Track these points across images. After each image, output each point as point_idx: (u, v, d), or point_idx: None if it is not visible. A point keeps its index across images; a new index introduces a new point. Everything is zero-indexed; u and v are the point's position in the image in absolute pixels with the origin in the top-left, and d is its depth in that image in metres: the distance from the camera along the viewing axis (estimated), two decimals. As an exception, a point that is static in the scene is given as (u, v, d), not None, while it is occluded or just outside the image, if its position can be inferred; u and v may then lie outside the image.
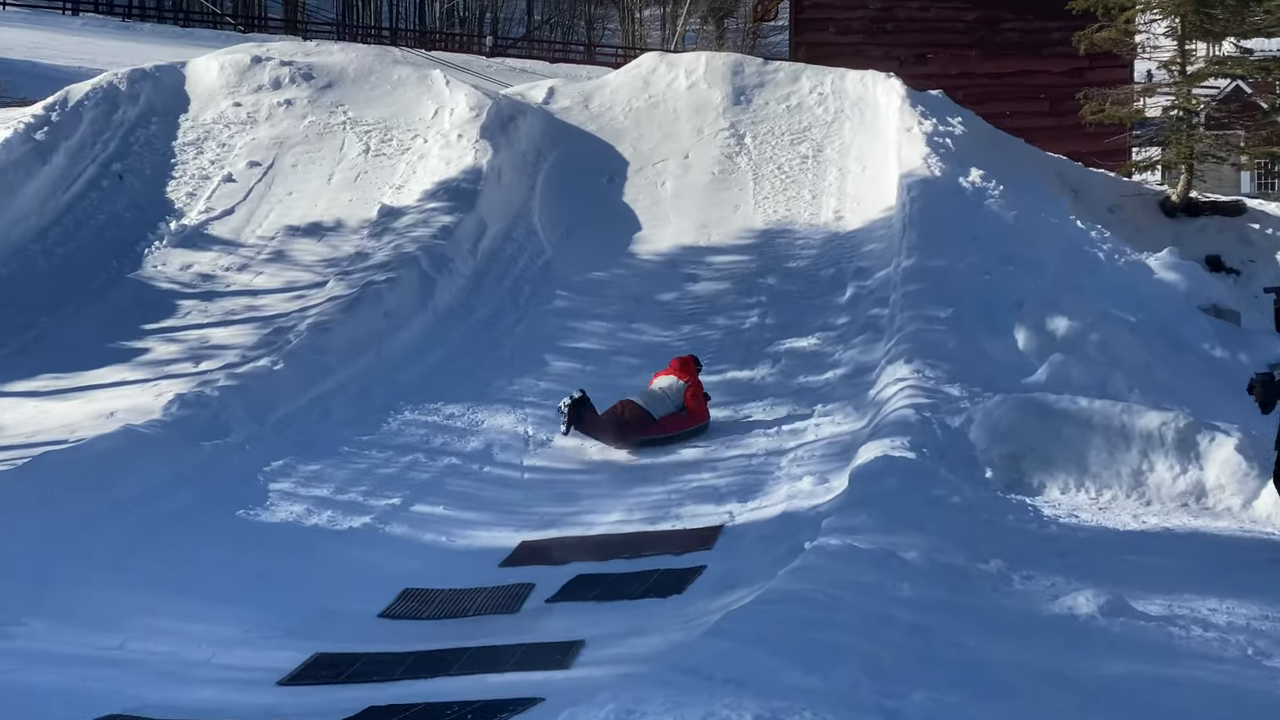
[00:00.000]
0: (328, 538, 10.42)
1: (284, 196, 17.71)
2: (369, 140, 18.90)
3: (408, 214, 16.81)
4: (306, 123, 19.29)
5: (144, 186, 17.79)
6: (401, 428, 12.62)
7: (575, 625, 8.64)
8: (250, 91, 19.86)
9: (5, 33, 48.20)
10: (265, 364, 13.01)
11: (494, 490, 11.56)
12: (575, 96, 20.48)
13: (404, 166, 18.30)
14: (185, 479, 10.95)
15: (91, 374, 13.57)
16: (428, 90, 20.01)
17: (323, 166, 18.35)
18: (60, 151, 17.69)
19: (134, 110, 19.11)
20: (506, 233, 17.06)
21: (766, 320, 15.18)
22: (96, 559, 9.41)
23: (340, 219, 17.14)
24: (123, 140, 18.57)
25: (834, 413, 12.54)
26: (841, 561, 7.53)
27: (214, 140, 18.88)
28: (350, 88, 20.02)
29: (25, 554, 9.10)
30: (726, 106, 19.95)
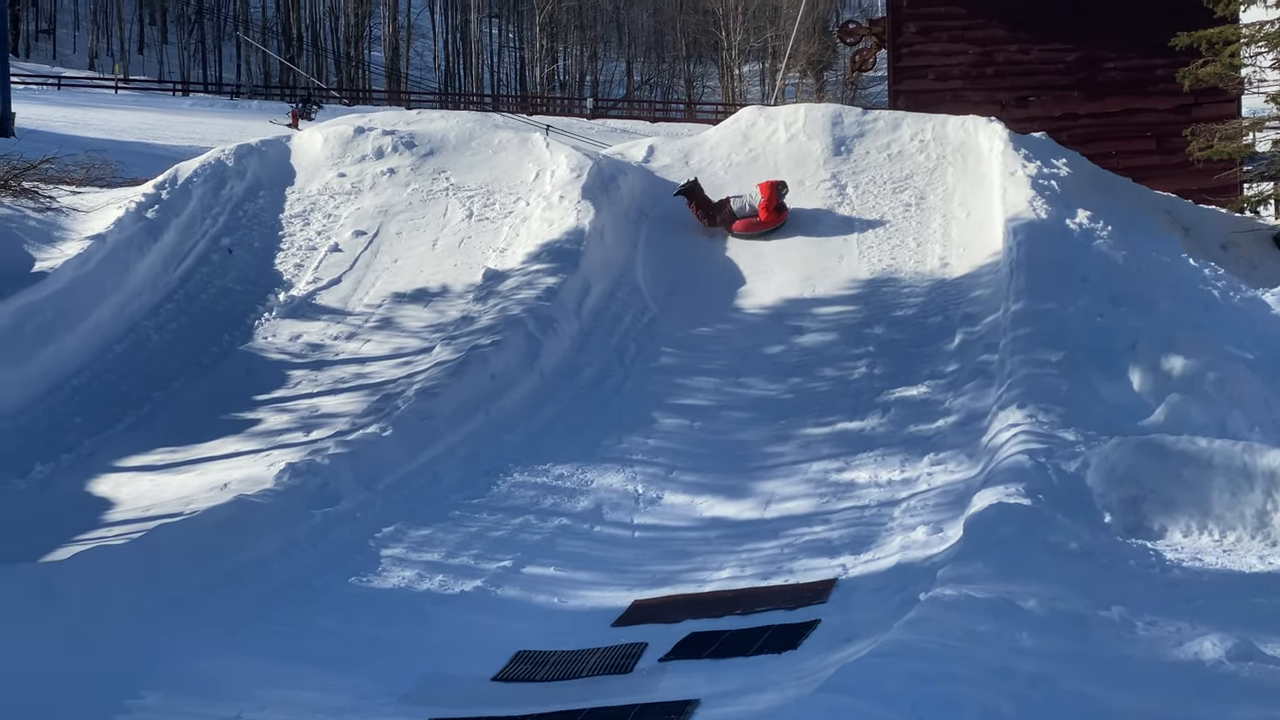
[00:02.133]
0: (439, 602, 10.42)
1: (389, 264, 17.88)
2: (471, 205, 19.06)
3: (512, 276, 16.89)
4: (410, 190, 19.50)
5: (252, 259, 18.06)
6: (511, 489, 12.62)
7: (689, 684, 8.54)
8: (354, 162, 20.12)
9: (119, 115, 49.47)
10: (374, 431, 13.09)
11: (605, 549, 11.51)
12: (675, 154, 20.51)
13: (507, 230, 18.42)
14: (298, 547, 11.02)
15: (205, 446, 13.74)
16: (528, 153, 20.15)
17: (427, 233, 18.52)
18: (171, 228, 18.01)
19: (241, 185, 19.44)
20: (610, 291, 17.08)
21: (875, 370, 15.03)
22: (211, 629, 9.48)
23: (445, 284, 17.27)
24: (231, 214, 18.88)
25: (946, 461, 12.36)
26: (958, 612, 7.38)
27: (320, 211, 19.14)
28: (452, 154, 20.22)
29: (142, 626, 9.19)
30: (827, 157, 19.87)
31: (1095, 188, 18.86)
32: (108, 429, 14.12)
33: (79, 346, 15.41)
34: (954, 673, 6.29)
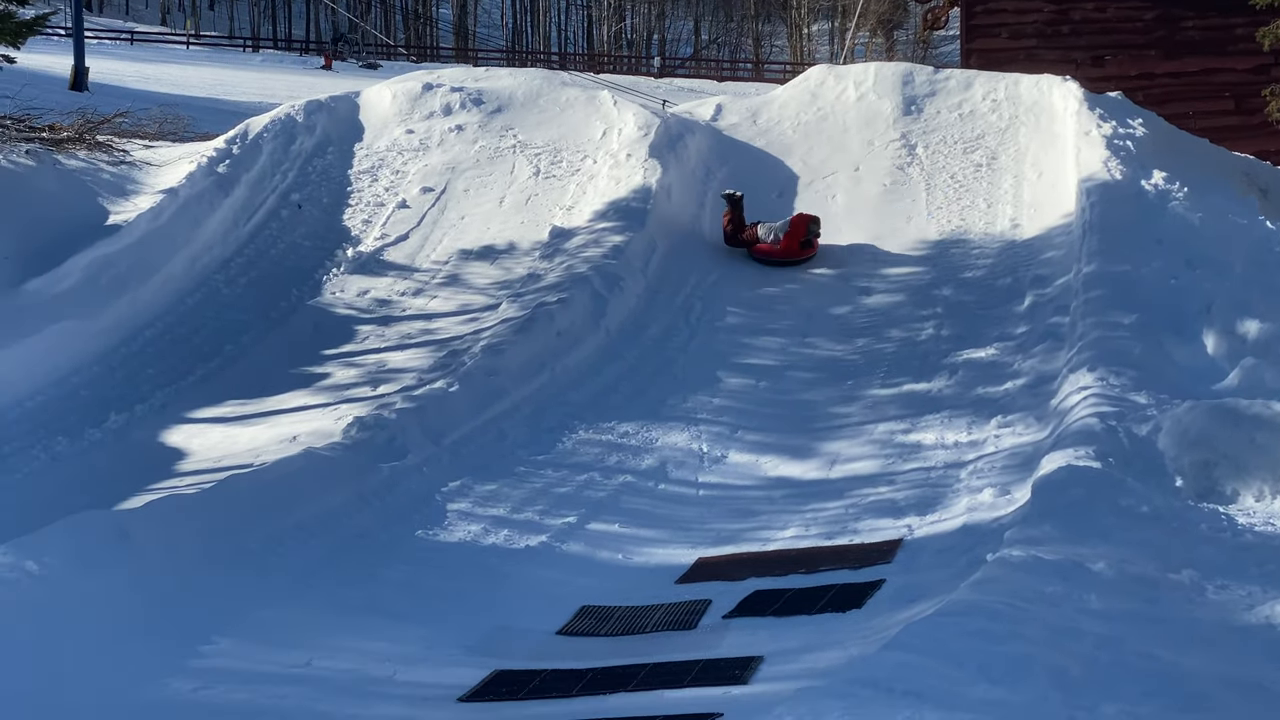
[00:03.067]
0: (505, 556, 10.49)
1: (457, 221, 17.93)
2: (539, 163, 19.06)
3: (578, 234, 16.89)
4: (477, 147, 19.52)
5: (321, 215, 18.15)
6: (576, 447, 12.66)
7: (753, 641, 8.56)
8: (422, 118, 20.16)
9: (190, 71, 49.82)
10: (441, 386, 13.16)
11: (669, 507, 11.54)
12: (743, 112, 20.41)
13: (574, 187, 18.41)
14: (365, 500, 11.12)
15: (274, 399, 13.86)
16: (596, 111, 20.11)
17: (494, 190, 18.55)
18: (241, 183, 18.13)
19: (310, 141, 19.53)
20: (677, 250, 17.06)
21: (943, 331, 14.94)
22: (281, 579, 9.59)
23: (512, 241, 17.30)
24: (300, 170, 18.98)
25: (1014, 424, 12.28)
26: (1025, 573, 7.34)
27: (388, 167, 19.20)
28: (519, 111, 20.22)
29: (213, 575, 9.31)
30: (897, 117, 19.71)
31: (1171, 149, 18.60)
32: (179, 381, 14.27)
33: (152, 299, 15.57)
34: (1022, 633, 6.27)
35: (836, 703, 5.04)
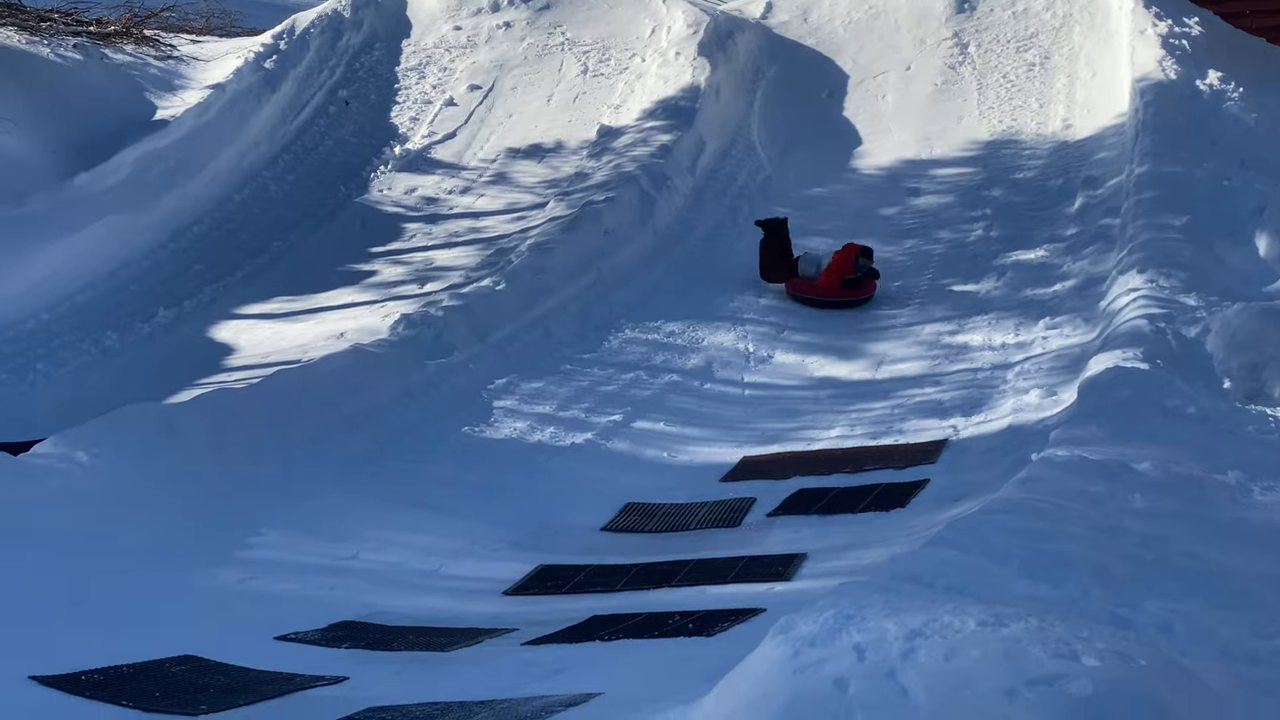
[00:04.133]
0: (550, 453, 10.55)
1: (504, 119, 17.84)
2: (587, 61, 18.91)
3: (626, 133, 16.79)
4: (525, 45, 19.37)
5: (368, 112, 18.09)
6: (622, 345, 12.68)
7: (797, 539, 8.60)
8: (470, 15, 20.00)
9: (237, -30, 49.48)
10: (488, 284, 13.18)
11: (715, 406, 11.56)
12: (793, 10, 20.14)
13: (622, 86, 18.26)
14: (412, 396, 11.18)
15: (321, 296, 13.92)
16: (644, 8, 19.90)
17: (542, 88, 18.42)
18: (288, 79, 18.06)
19: (358, 37, 19.42)
20: (725, 150, 16.93)
21: (992, 233, 14.81)
22: (328, 473, 9.69)
23: (560, 140, 17.21)
24: (347, 67, 18.89)
25: (1062, 325, 12.21)
26: (1070, 472, 7.33)
27: (435, 65, 19.09)
28: (567, 8, 20.02)
29: (261, 468, 9.42)
30: (949, 15, 19.40)
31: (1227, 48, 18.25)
32: (228, 276, 14.34)
33: (200, 194, 15.59)
34: (1065, 531, 6.26)
35: (879, 597, 5.05)
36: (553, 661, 6.55)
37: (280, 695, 6.27)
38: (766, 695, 4.61)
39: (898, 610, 4.85)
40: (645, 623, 7.08)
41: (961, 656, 4.47)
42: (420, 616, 7.59)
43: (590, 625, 7.16)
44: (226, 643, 6.88)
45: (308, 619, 7.43)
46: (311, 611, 7.56)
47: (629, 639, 6.83)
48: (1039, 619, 4.72)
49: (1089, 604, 5.42)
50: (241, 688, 6.36)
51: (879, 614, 4.81)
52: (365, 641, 7.13)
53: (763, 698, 4.61)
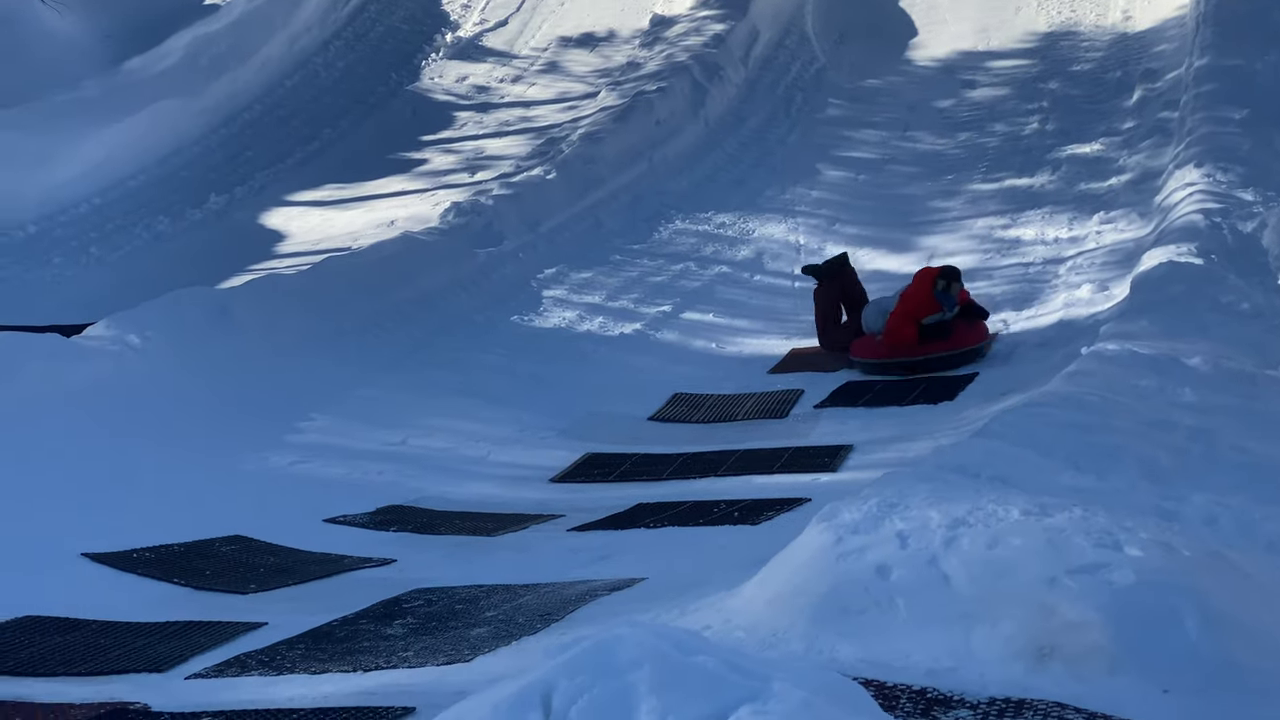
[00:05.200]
0: (599, 342, 10.57)
1: (556, 7, 17.68)
2: (640, -52, 18.65)
3: (679, 22, 16.61)
4: (578, -69, 19.12)
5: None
6: (672, 236, 12.64)
7: (843, 430, 8.60)
8: (522, -99, 19.75)
9: None
10: (538, 174, 13.15)
11: (764, 298, 11.52)
12: (850, -102, 19.78)
13: (675, -27, 18.04)
14: (461, 285, 11.20)
15: (372, 184, 13.92)
16: (699, -105, 19.58)
17: (590, -24, 18.21)
18: (340, -36, 17.94)
19: (409, -78, 19.23)
20: (779, 40, 16.73)
21: (1048, 126, 14.62)
22: (378, 359, 9.74)
23: (612, 29, 17.05)
24: (399, -47, 18.73)
25: (1116, 219, 12.07)
26: (1120, 366, 7.28)
27: (487, -48, 18.90)
28: (621, -105, 19.73)
29: (311, 353, 9.47)
30: (1009, -96, 19.02)
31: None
32: (279, 163, 14.35)
33: (251, 80, 15.56)
34: (1113, 424, 6.23)
35: (923, 486, 5.05)
36: (598, 547, 6.60)
37: (328, 575, 6.35)
38: (809, 581, 4.63)
39: (941, 499, 4.85)
40: (690, 511, 7.11)
41: (1004, 545, 4.48)
42: (467, 502, 7.65)
43: (636, 512, 7.21)
44: (276, 524, 6.96)
45: (356, 503, 7.51)
46: (360, 495, 7.64)
47: (674, 526, 6.87)
48: (1083, 509, 4.71)
49: (1135, 496, 5.40)
50: (290, 568, 6.45)
51: (922, 503, 4.82)
52: (413, 525, 7.20)
53: (805, 583, 4.63)
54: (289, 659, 5.11)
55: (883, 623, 4.39)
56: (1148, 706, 3.96)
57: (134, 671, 5.04)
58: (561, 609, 5.41)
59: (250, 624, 5.55)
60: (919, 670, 4.18)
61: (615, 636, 2.95)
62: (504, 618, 5.38)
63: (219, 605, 5.88)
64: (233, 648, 5.29)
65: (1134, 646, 4.11)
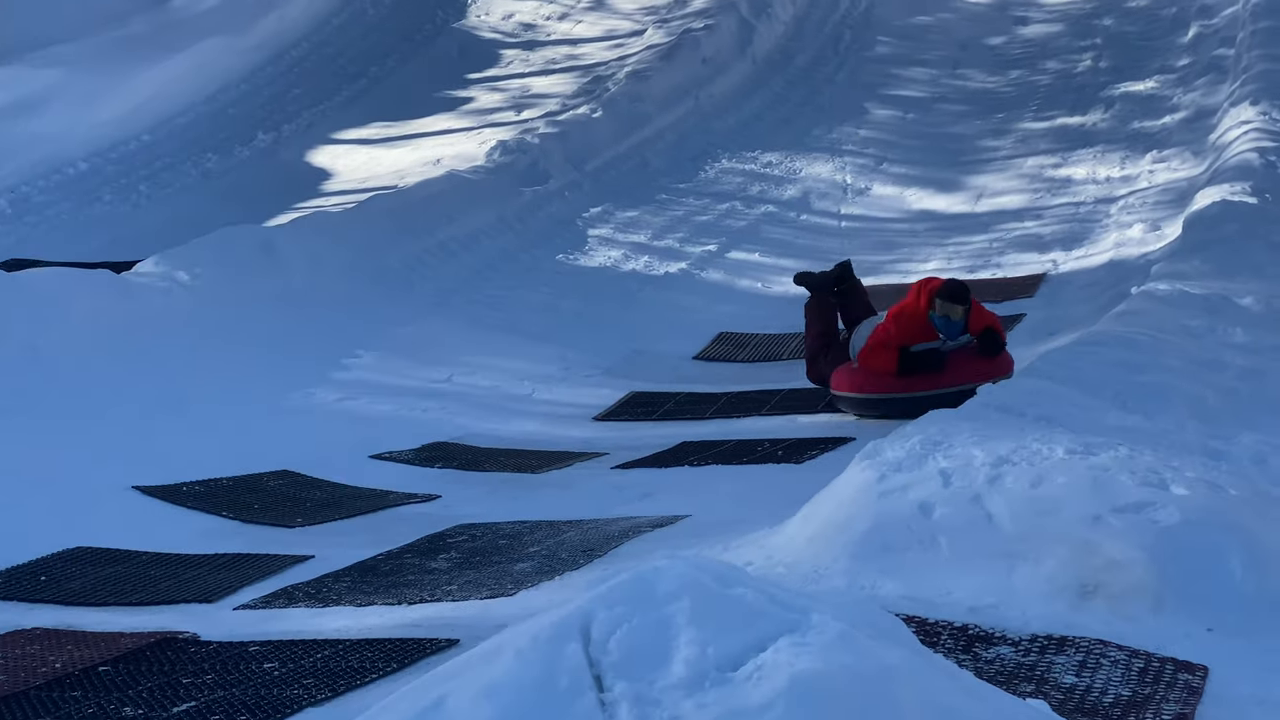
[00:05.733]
0: (644, 281, 10.56)
1: (603, -57, 17.56)
2: (690, -116, 18.49)
3: (727, -41, 16.46)
4: None
5: (468, -64, 17.86)
6: (718, 175, 12.59)
7: (890, 369, 8.55)
8: None
9: None
10: (584, 112, 13.11)
11: (810, 238, 11.47)
12: None
13: (723, -91, 17.87)
14: (507, 223, 11.20)
15: (418, 122, 13.91)
16: None
17: (642, -89, 18.08)
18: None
19: None
20: (828, -24, 16.58)
21: (1100, 64, 14.45)
22: (423, 297, 9.77)
23: (659, -35, 16.93)
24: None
25: (1169, 158, 11.94)
26: (1170, 306, 7.22)
27: (534, -113, 18.77)
28: None
29: (357, 291, 9.51)
30: None
31: None
32: (325, 101, 14.35)
33: (298, 18, 15.53)
34: (1162, 364, 6.18)
35: (966, 425, 5.03)
36: (642, 485, 6.62)
37: (374, 510, 6.40)
38: (851, 518, 4.63)
39: (985, 438, 4.83)
40: (734, 449, 7.12)
41: (1048, 483, 4.46)
42: (512, 439, 7.68)
43: (680, 451, 7.22)
44: (322, 459, 7.01)
45: (402, 439, 7.55)
46: (405, 432, 7.68)
47: (718, 465, 6.88)
48: (1129, 448, 4.69)
49: (1182, 436, 5.36)
50: (336, 502, 6.50)
51: (966, 441, 4.80)
52: (458, 462, 7.24)
53: (847, 520, 4.63)
54: (335, 591, 5.16)
55: (925, 560, 4.39)
56: (1191, 645, 3.95)
57: (183, 602, 5.10)
58: (604, 545, 5.43)
59: (297, 557, 5.60)
60: (960, 607, 4.18)
61: (654, 568, 2.95)
62: (547, 553, 5.41)
63: (266, 538, 5.93)
64: (280, 580, 5.34)
65: (1178, 585, 4.10)
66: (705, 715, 2.68)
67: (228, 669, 4.23)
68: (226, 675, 4.18)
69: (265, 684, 4.09)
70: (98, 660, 4.34)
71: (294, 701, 3.92)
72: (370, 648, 4.38)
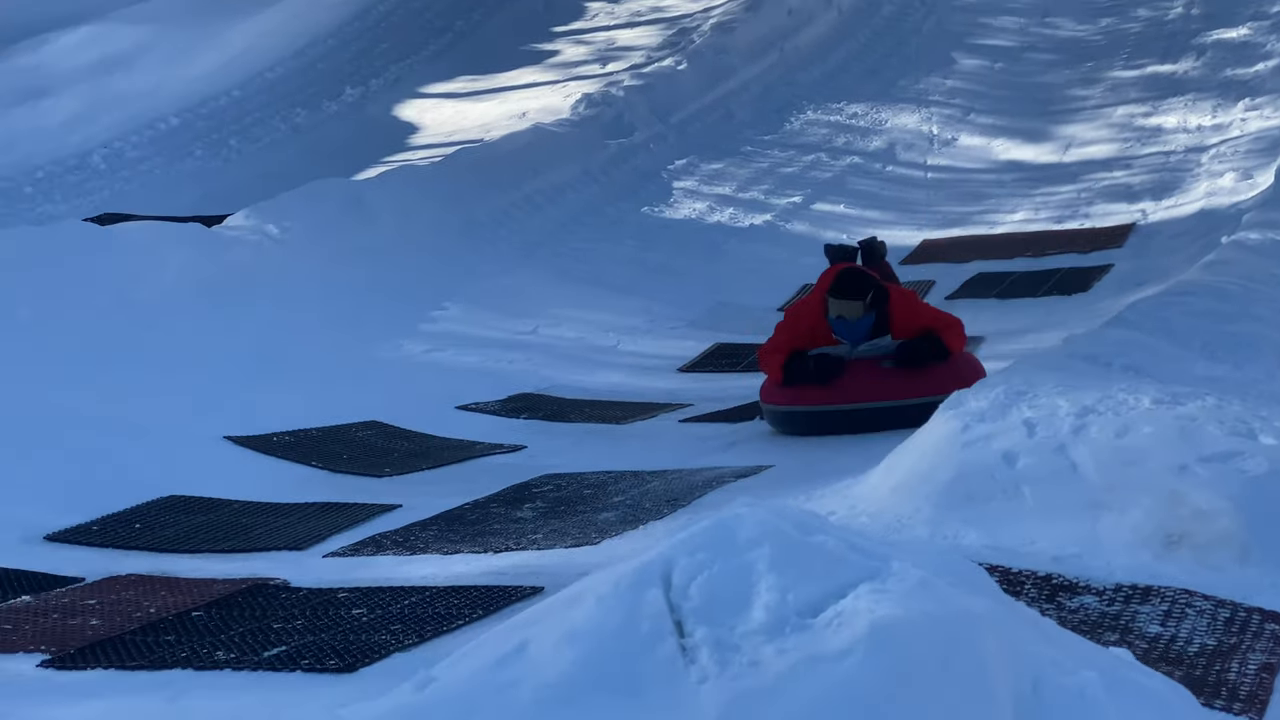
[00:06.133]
0: (729, 234, 10.56)
1: (688, -106, 17.47)
2: None
3: (813, -92, 16.32)
4: None
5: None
6: (803, 127, 12.55)
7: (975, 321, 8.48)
8: None
9: None
10: (669, 64, 13.11)
11: (896, 189, 11.42)
12: None
13: None
14: (592, 176, 11.23)
15: (504, 76, 13.96)
16: None
17: None
18: None
19: None
20: (915, -75, 16.39)
21: (1193, 10, 14.21)
22: (509, 250, 9.82)
23: (744, -85, 16.81)
24: None
25: (1262, 106, 11.74)
26: (1262, 255, 7.13)
27: None
28: None
29: (444, 243, 9.57)
30: None
31: None
32: (412, 56, 14.42)
33: (384, -28, 15.63)
34: (1252, 313, 6.11)
35: (1051, 375, 5.00)
36: (725, 435, 6.64)
37: (460, 461, 6.46)
38: (934, 468, 4.63)
39: (1071, 388, 4.80)
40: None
41: (1134, 433, 4.43)
42: (597, 390, 7.72)
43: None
44: (410, 410, 7.08)
45: (488, 390, 7.61)
46: (492, 383, 7.74)
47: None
48: (1217, 398, 4.64)
49: (1271, 385, 5.31)
50: (424, 452, 6.57)
51: (1051, 391, 4.78)
52: (543, 413, 7.29)
53: (930, 470, 4.63)
54: (422, 540, 5.23)
55: (1008, 510, 4.37)
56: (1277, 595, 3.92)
57: (274, 549, 5.19)
58: (688, 494, 5.46)
59: (385, 506, 5.67)
60: (1044, 557, 4.17)
61: (735, 515, 2.97)
62: (631, 503, 5.45)
63: (355, 488, 6.01)
64: (368, 528, 5.41)
65: (1265, 535, 4.07)
66: (785, 660, 2.70)
67: (317, 614, 4.31)
68: (316, 620, 4.25)
69: (354, 629, 4.16)
70: (191, 605, 4.43)
71: (382, 646, 3.99)
72: (456, 594, 4.44)
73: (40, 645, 4.14)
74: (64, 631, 4.25)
